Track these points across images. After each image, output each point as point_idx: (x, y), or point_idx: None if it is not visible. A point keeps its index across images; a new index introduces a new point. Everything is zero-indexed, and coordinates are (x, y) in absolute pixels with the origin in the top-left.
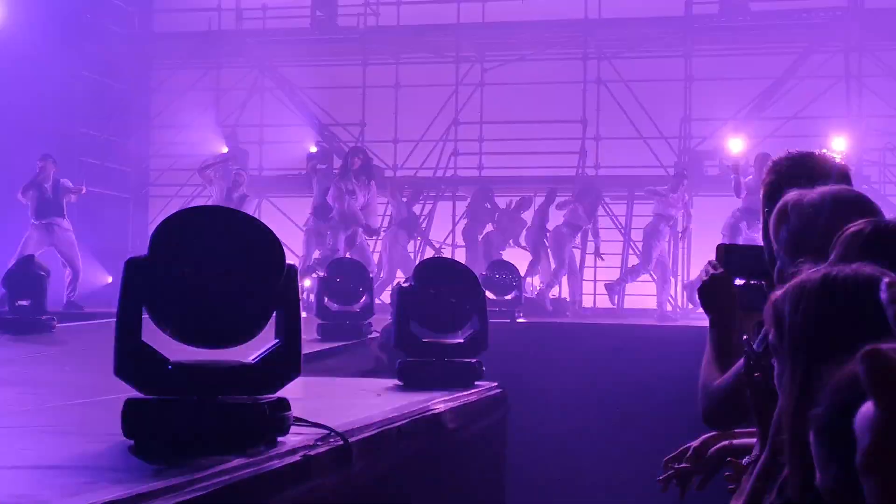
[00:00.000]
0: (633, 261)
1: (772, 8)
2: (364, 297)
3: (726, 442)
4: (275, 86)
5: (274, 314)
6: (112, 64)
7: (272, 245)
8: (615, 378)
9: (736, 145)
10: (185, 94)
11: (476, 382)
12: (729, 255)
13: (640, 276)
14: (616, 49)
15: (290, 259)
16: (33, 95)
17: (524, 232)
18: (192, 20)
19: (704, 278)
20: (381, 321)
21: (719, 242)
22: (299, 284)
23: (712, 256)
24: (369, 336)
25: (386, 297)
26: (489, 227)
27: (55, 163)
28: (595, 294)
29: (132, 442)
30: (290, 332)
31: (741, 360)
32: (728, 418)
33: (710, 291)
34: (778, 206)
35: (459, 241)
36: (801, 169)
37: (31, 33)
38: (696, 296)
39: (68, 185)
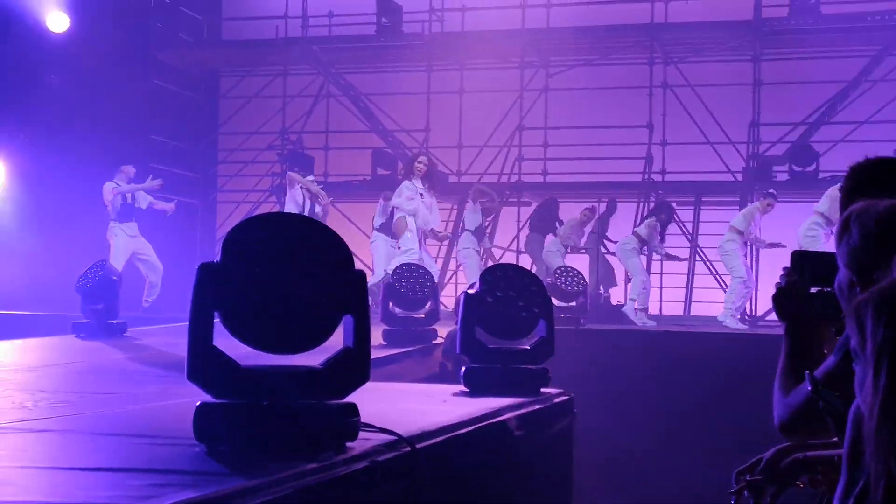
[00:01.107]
0: (700, 268)
1: (843, 10)
2: (429, 303)
3: (800, 455)
4: (340, 92)
5: (342, 320)
6: (181, 71)
7: (341, 251)
8: (683, 385)
9: None
10: (252, 101)
11: (542, 389)
12: (804, 262)
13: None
14: (683, 53)
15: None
16: (105, 102)
17: (583, 240)
18: (260, 28)
19: (779, 285)
20: (445, 327)
21: (794, 249)
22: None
23: (784, 263)
24: (434, 342)
25: (450, 302)
26: (549, 238)
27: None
28: (661, 301)
29: (203, 446)
30: (359, 337)
31: (819, 368)
32: (803, 429)
33: (785, 299)
34: (843, 215)
35: (524, 247)
36: (879, 175)
37: (103, 41)
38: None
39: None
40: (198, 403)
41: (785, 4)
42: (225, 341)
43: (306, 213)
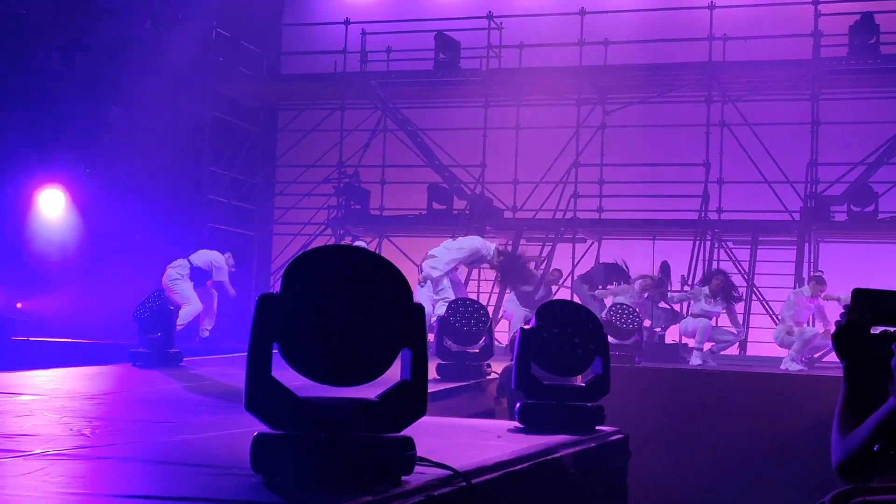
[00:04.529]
0: (757, 307)
1: None
2: (483, 338)
3: (860, 499)
4: (397, 127)
5: (400, 353)
6: (241, 104)
7: (400, 284)
8: (739, 426)
9: None
10: (310, 135)
11: (597, 427)
12: (865, 301)
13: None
14: (740, 92)
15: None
16: (165, 134)
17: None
18: (318, 62)
19: (840, 324)
20: (498, 362)
21: (855, 287)
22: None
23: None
24: (488, 377)
25: (503, 338)
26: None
27: None
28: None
29: (259, 476)
30: (416, 371)
31: (880, 409)
32: (864, 471)
33: (845, 338)
34: None
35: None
36: None
37: (164, 73)
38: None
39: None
40: (255, 434)
41: (844, 45)
42: (282, 372)
43: None
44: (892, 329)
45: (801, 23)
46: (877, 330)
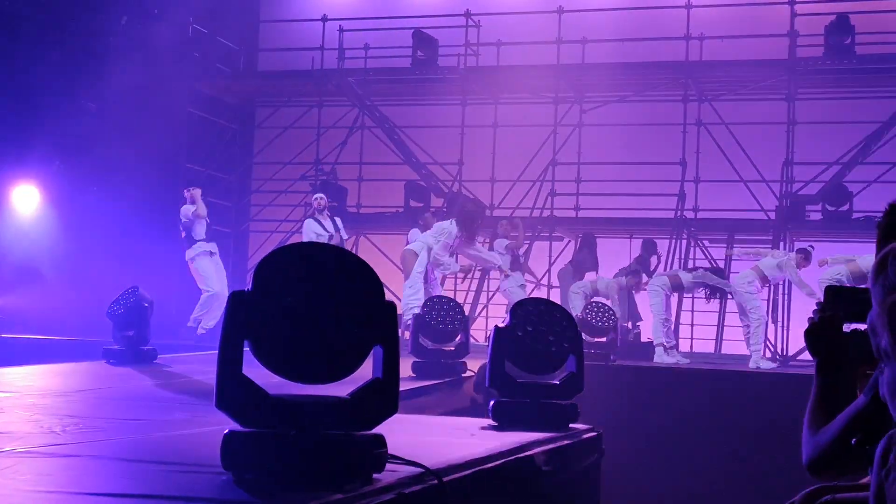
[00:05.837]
0: (732, 305)
1: (878, 51)
2: (459, 336)
3: (829, 497)
4: (374, 124)
5: (371, 351)
6: (217, 101)
7: (373, 282)
8: (712, 424)
9: None
10: (287, 132)
11: (571, 425)
12: (838, 298)
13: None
14: (717, 91)
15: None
16: (141, 130)
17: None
18: (296, 59)
19: (812, 321)
20: (475, 360)
21: (828, 285)
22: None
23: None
24: (463, 375)
25: (480, 335)
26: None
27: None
28: (692, 338)
29: (230, 474)
30: (388, 368)
31: (850, 407)
32: (834, 468)
33: (818, 335)
34: (880, 254)
35: (555, 281)
36: None
37: (140, 69)
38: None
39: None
40: (225, 431)
41: (820, 45)
42: (254, 370)
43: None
44: (864, 327)
45: (777, 23)
46: (849, 327)
